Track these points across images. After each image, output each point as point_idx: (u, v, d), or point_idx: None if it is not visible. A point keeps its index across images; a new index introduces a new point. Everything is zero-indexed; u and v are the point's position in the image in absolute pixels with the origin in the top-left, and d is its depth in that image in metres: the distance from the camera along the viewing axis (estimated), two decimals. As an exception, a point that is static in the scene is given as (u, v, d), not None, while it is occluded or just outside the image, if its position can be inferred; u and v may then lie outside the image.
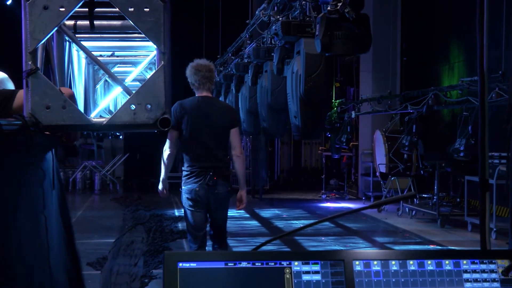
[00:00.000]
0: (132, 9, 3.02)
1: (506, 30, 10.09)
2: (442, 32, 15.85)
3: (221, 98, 12.85)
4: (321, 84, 5.73)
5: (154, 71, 3.23)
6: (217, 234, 6.19)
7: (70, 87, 5.17)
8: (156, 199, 16.21)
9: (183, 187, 6.04)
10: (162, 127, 3.12)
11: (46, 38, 3.16)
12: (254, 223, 13.18)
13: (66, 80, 4.70)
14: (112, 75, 3.90)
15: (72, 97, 3.78)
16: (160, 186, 6.20)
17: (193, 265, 1.89)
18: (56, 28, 3.18)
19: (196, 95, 6.15)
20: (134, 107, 3.13)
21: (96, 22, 4.30)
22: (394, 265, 1.98)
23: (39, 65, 3.20)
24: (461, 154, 10.81)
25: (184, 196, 6.02)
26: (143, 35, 3.15)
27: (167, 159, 6.09)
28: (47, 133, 3.49)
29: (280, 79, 7.11)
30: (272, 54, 7.15)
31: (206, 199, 5.99)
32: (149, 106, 3.13)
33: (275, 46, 7.00)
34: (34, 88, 3.08)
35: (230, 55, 12.81)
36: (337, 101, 16.97)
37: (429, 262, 1.99)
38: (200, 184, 5.95)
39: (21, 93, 3.55)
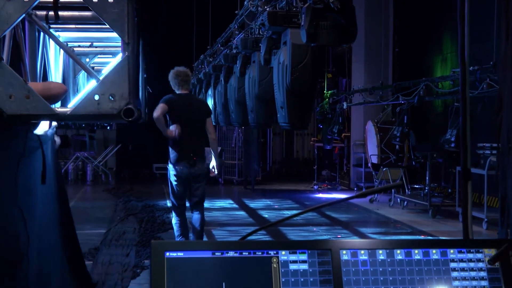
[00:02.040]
0: (96, 0, 3.01)
1: (497, 21, 10.09)
2: (435, 23, 15.84)
3: (210, 89, 12.83)
4: (307, 75, 5.69)
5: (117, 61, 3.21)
6: (196, 202, 7.95)
7: (46, 77, 5.14)
8: (147, 190, 16.22)
9: (169, 166, 7.86)
10: (126, 117, 3.10)
11: (10, 29, 3.14)
12: (246, 213, 13.19)
13: (40, 70, 4.67)
14: (83, 65, 3.88)
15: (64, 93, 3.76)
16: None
17: (180, 254, 1.88)
18: (20, 19, 3.15)
19: (177, 92, 7.94)
20: (98, 97, 3.11)
21: (70, 13, 4.28)
22: (381, 255, 1.98)
23: (5, 55, 3.18)
24: (452, 145, 10.82)
25: (171, 173, 7.84)
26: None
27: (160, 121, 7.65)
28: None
29: (267, 70, 7.08)
30: (260, 44, 7.12)
31: (187, 175, 7.78)
32: (111, 98, 3.11)
33: (263, 37, 6.97)
34: None
35: (219, 45, 12.77)
36: (329, 92, 16.95)
37: (416, 251, 2.00)
38: (183, 164, 7.73)
39: None
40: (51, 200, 5.09)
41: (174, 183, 7.84)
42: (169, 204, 13.61)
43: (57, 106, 3.59)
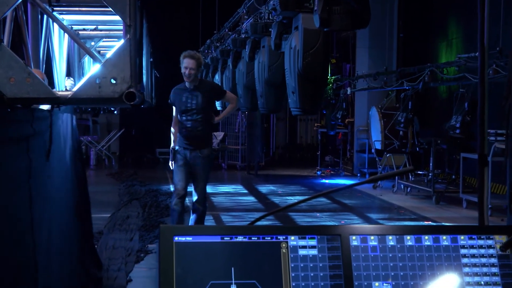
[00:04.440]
0: None
1: (504, 7, 10.04)
2: (440, 8, 15.76)
3: (218, 74, 12.79)
4: (319, 60, 5.67)
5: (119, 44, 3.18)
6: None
7: (50, 60, 5.11)
8: (151, 175, 16.24)
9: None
10: (127, 101, 3.08)
11: (10, 10, 3.11)
12: (250, 198, 13.20)
13: (44, 53, 4.64)
14: (86, 48, 3.85)
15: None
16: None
17: (189, 239, 1.87)
18: (20, 0, 3.12)
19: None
20: (99, 80, 3.08)
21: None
22: (391, 240, 1.96)
23: (5, 38, 3.15)
24: (457, 131, 10.80)
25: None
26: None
27: None
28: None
29: (277, 55, 7.06)
30: (270, 29, 7.08)
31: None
32: (113, 81, 3.08)
33: (273, 21, 6.94)
34: None
35: (227, 30, 12.73)
36: (333, 77, 16.91)
37: (426, 237, 1.98)
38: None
39: None
40: (67, 178, 5.09)
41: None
42: (172, 188, 13.62)
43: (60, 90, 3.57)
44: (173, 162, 7.81)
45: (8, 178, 3.19)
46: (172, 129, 7.89)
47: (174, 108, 7.87)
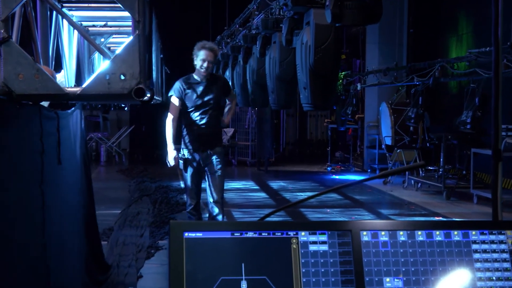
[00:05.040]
0: None
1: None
2: (450, 3, 15.68)
3: (228, 70, 12.79)
4: (331, 55, 5.66)
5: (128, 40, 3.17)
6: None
7: (59, 57, 5.11)
8: (161, 171, 16.25)
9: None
10: (137, 97, 3.07)
11: (18, 6, 3.11)
12: (260, 194, 13.20)
13: (53, 50, 4.64)
14: (95, 45, 3.85)
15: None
16: None
17: (199, 235, 1.87)
18: None
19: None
20: (108, 77, 3.08)
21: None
22: (402, 236, 1.96)
23: (14, 34, 3.15)
24: (468, 127, 10.76)
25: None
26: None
27: None
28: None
29: (288, 50, 7.06)
30: (281, 25, 7.08)
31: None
32: (122, 77, 3.07)
33: (284, 17, 6.93)
34: (6, 57, 3.03)
35: (237, 26, 12.73)
36: (343, 73, 16.87)
37: (437, 232, 1.97)
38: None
39: None
40: (76, 179, 5.09)
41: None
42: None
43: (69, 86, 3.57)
44: (182, 169, 7.08)
45: (21, 177, 3.18)
46: (171, 127, 6.99)
47: (175, 103, 7.04)
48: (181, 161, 6.99)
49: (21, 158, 3.19)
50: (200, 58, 6.82)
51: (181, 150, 7.03)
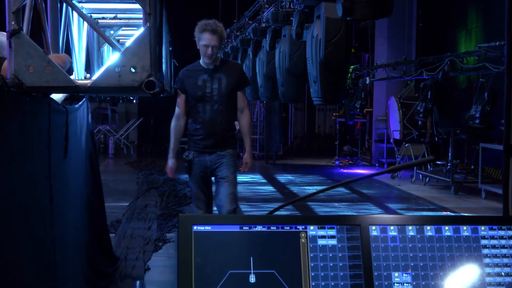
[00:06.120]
0: None
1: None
2: (459, -3, 15.63)
3: (238, 64, 12.79)
4: (341, 49, 5.66)
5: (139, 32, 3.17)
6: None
7: (69, 49, 5.11)
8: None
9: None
10: (147, 90, 3.07)
11: None
12: (268, 188, 13.20)
13: (63, 42, 4.64)
14: (105, 37, 3.85)
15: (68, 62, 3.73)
16: None
17: (207, 228, 1.87)
18: None
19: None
20: (119, 69, 3.08)
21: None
22: (411, 231, 1.95)
23: (24, 26, 3.15)
24: (477, 121, 10.72)
25: None
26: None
27: None
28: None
29: (298, 44, 7.06)
30: (291, 18, 7.08)
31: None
32: (133, 70, 3.07)
33: (294, 10, 6.93)
34: (17, 49, 3.03)
35: (247, 19, 12.73)
36: (352, 67, 16.84)
37: (446, 227, 1.96)
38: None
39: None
40: (82, 172, 5.10)
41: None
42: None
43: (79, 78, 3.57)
44: (188, 175, 6.22)
45: (29, 170, 3.18)
46: (173, 127, 6.09)
47: (178, 95, 5.99)
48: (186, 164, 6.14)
49: (29, 150, 3.19)
50: (202, 43, 5.66)
51: (185, 150, 6.15)
